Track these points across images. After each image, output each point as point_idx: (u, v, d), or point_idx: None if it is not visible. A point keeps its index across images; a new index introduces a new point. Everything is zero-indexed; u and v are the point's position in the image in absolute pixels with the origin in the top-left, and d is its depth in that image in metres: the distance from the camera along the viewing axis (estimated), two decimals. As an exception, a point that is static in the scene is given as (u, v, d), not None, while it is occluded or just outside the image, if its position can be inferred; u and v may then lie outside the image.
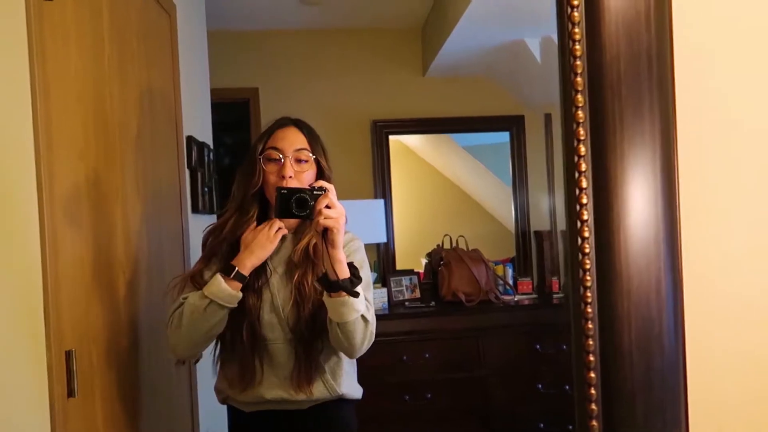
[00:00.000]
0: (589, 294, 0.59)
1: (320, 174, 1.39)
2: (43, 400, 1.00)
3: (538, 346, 2.93)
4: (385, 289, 3.09)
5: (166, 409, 1.68)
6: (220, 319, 1.27)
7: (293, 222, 1.35)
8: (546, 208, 3.39)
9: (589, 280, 0.59)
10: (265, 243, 1.30)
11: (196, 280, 1.31)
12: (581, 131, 0.58)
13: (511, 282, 3.22)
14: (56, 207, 1.07)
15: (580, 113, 0.58)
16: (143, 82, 1.66)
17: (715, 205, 0.66)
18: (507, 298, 3.11)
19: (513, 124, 3.45)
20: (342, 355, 1.38)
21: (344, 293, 1.22)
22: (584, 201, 0.58)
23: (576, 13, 0.56)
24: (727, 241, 0.66)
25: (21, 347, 0.97)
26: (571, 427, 2.29)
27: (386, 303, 3.07)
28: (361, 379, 2.88)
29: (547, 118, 3.24)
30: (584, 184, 0.58)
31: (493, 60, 3.12)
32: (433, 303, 3.08)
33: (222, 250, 1.34)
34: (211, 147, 2.56)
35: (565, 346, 2.89)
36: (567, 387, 2.84)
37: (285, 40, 3.35)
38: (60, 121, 1.12)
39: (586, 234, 0.59)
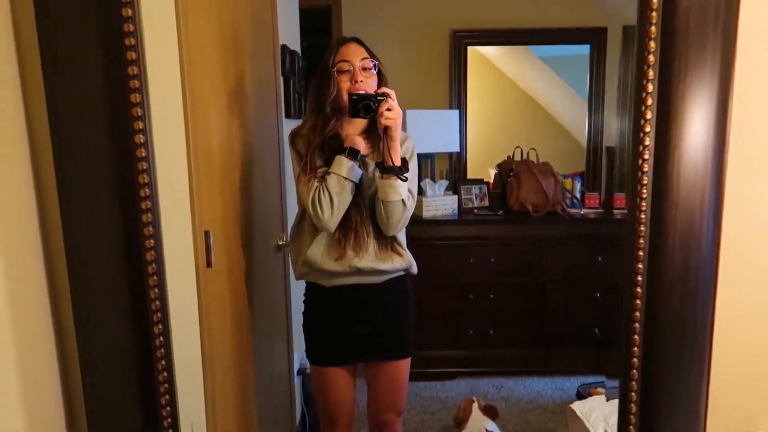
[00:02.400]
0: (644, 204, 0.74)
1: (380, 80, 1.64)
2: (191, 268, 1.25)
3: (599, 258, 3.06)
4: (455, 196, 3.26)
5: (270, 283, 1.98)
6: (352, 193, 1.58)
7: (362, 127, 1.63)
8: (619, 124, 3.39)
9: (645, 192, 0.74)
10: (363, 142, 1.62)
11: (314, 170, 1.59)
12: (650, 72, 0.70)
13: (578, 196, 3.31)
14: (196, 109, 1.27)
15: (651, 57, 0.70)
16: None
17: (759, 138, 0.78)
18: (573, 211, 3.21)
19: (595, 37, 3.37)
20: (403, 233, 1.69)
21: (393, 177, 1.53)
22: (647, 129, 0.72)
23: (655, -30, 0.67)
24: (764, 170, 0.78)
25: (177, 227, 1.21)
26: (617, 331, 2.45)
27: (456, 209, 3.25)
28: (433, 278, 3.15)
29: (626, 30, 3.15)
30: (649, 115, 0.72)
31: (580, -31, 3.04)
32: (500, 212, 3.24)
33: (322, 146, 1.61)
34: (300, 54, 2.72)
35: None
36: (618, 295, 3.01)
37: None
38: (196, 35, 1.30)
39: (646, 156, 0.73)
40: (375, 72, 1.61)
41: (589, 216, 3.19)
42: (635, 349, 0.78)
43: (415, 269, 1.74)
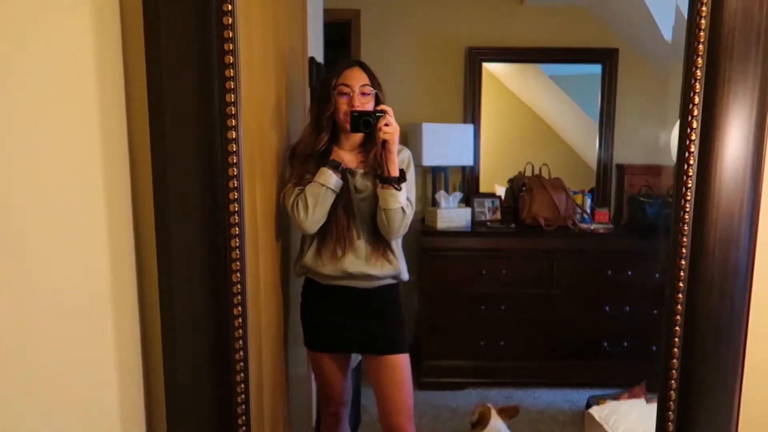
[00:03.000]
0: (688, 206, 0.81)
1: (377, 103, 1.76)
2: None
3: (609, 272, 3.13)
4: (468, 209, 3.33)
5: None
6: (331, 200, 1.70)
7: (358, 140, 1.77)
8: (631, 141, 3.47)
9: (690, 195, 0.81)
10: (349, 156, 1.76)
11: (302, 180, 1.73)
12: (697, 85, 0.78)
13: (588, 211, 3.39)
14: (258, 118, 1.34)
15: (698, 72, 0.77)
16: (286, 7, 1.89)
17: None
18: (584, 225, 3.28)
19: (607, 57, 3.48)
20: (398, 242, 1.81)
21: (392, 187, 1.67)
22: (693, 138, 0.79)
23: (705, -4, 0.75)
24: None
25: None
26: (626, 343, 2.54)
27: (469, 221, 3.31)
28: (445, 289, 3.20)
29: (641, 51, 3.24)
30: (695, 124, 0.79)
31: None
32: (513, 225, 3.32)
33: (311, 157, 1.75)
34: (324, 66, 2.80)
35: (630, 272, 3.09)
36: (627, 308, 3.08)
37: (389, -37, 3.45)
38: (256, 48, 1.37)
39: (691, 162, 0.80)
40: (373, 97, 1.74)
41: (599, 231, 3.26)
42: (676, 339, 0.84)
43: (405, 277, 1.85)
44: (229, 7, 0.81)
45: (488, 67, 3.57)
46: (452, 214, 3.26)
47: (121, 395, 0.90)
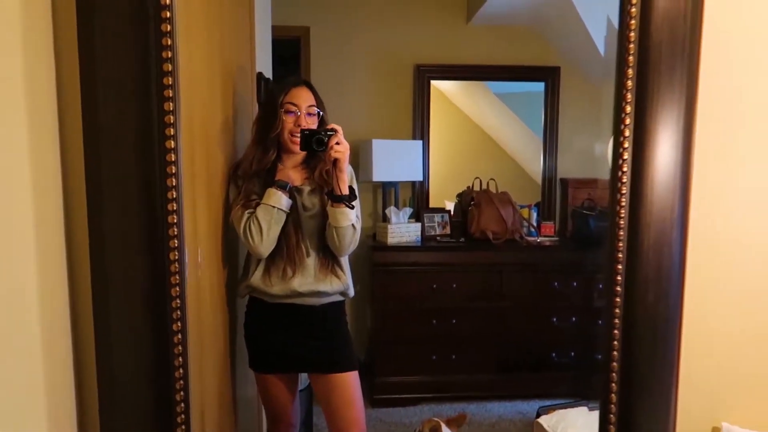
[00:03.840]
0: (623, 212, 0.84)
1: (321, 124, 1.78)
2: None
3: (555, 284, 3.20)
4: (419, 224, 3.36)
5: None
6: (282, 222, 1.69)
7: (301, 158, 1.76)
8: (573, 156, 3.59)
9: (624, 201, 0.84)
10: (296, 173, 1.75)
11: (249, 201, 1.70)
12: (628, 95, 0.81)
13: (535, 224, 3.47)
14: (195, 132, 1.31)
15: (629, 83, 0.81)
16: (233, 21, 1.88)
17: (719, 156, 0.90)
18: (531, 239, 3.36)
19: (549, 75, 3.60)
20: (345, 258, 1.80)
21: (343, 205, 1.66)
22: (626, 145, 0.82)
23: (633, 9, 0.78)
24: (724, 180, 0.91)
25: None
26: (573, 353, 2.59)
27: (419, 236, 3.34)
28: (397, 304, 3.21)
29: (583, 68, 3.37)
30: (627, 133, 0.82)
31: (536, 12, 3.26)
32: (462, 239, 3.36)
33: (256, 176, 1.72)
34: (272, 82, 2.78)
35: (575, 284, 3.18)
36: (574, 319, 3.15)
37: (337, -19, 3.48)
38: (195, 64, 1.35)
39: (625, 169, 0.83)
40: (317, 118, 1.76)
41: (545, 244, 3.34)
42: (615, 343, 0.87)
43: (351, 292, 1.84)
44: (168, 28, 0.80)
45: (436, 84, 3.64)
46: (402, 230, 3.28)
47: (50, 423, 0.85)
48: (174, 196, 0.80)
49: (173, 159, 0.80)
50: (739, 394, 0.99)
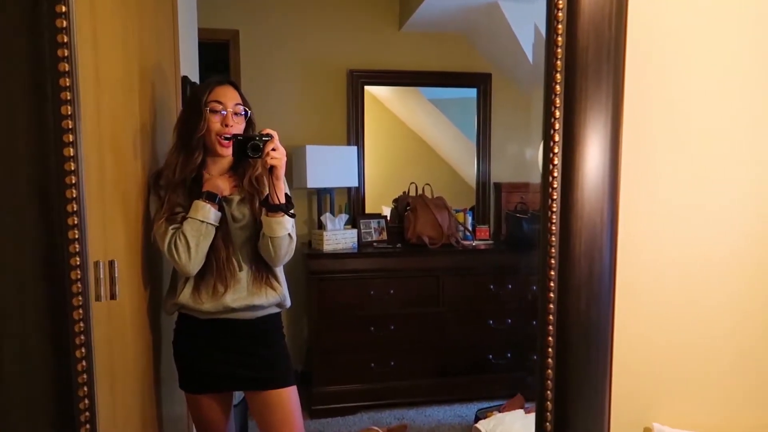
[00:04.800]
0: (554, 217, 0.83)
1: (248, 127, 1.70)
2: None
3: (491, 287, 3.24)
4: (355, 230, 3.32)
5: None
6: (212, 236, 1.58)
7: (228, 164, 1.66)
8: (506, 161, 3.66)
9: (555, 206, 0.83)
10: (224, 182, 1.64)
11: (174, 215, 1.59)
12: (557, 100, 0.80)
13: (470, 228, 3.51)
14: (103, 138, 1.22)
15: (558, 87, 0.80)
16: (153, 22, 1.78)
17: (645, 158, 0.91)
18: (466, 243, 3.39)
19: (481, 81, 3.65)
20: (280, 268, 1.72)
21: (280, 214, 1.58)
22: (556, 150, 0.82)
23: (560, 14, 0.78)
24: (650, 184, 0.92)
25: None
26: (509, 355, 2.64)
27: (356, 243, 3.30)
28: (334, 312, 3.16)
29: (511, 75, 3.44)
30: (557, 138, 0.81)
31: (467, 19, 3.30)
32: (399, 245, 3.35)
33: (182, 185, 1.61)
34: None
35: (510, 286, 3.23)
36: (509, 321, 3.20)
37: (267, -16, 3.41)
38: (106, 65, 1.26)
39: (555, 174, 0.82)
40: (245, 118, 1.67)
41: (480, 247, 3.38)
42: (549, 350, 0.86)
43: (288, 303, 1.76)
44: (64, 23, 0.72)
45: (370, 90, 3.62)
46: (338, 236, 3.23)
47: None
48: (75, 208, 0.72)
49: (73, 168, 0.72)
50: (669, 395, 1.00)
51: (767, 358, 1.03)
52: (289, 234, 1.62)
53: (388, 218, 3.52)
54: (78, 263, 0.75)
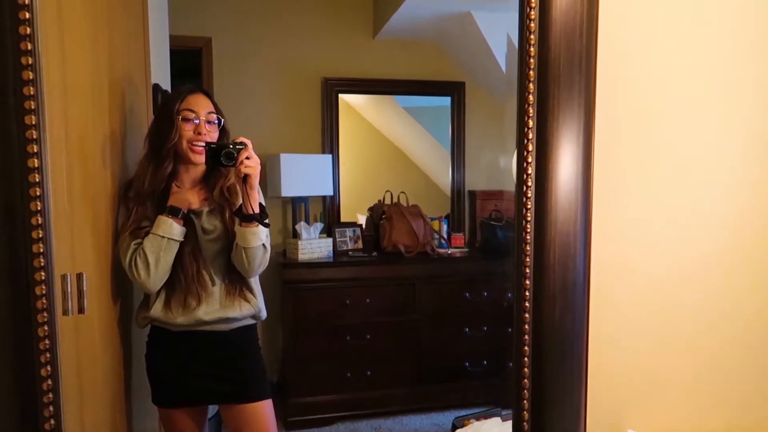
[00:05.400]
0: (528, 226, 0.83)
1: (222, 135, 1.66)
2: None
3: (467, 294, 3.25)
4: (330, 239, 3.30)
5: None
6: (174, 252, 1.55)
7: (200, 175, 1.63)
8: (480, 169, 3.69)
9: (530, 216, 0.83)
10: (192, 195, 1.60)
11: (139, 230, 1.55)
12: (530, 110, 0.81)
13: (445, 236, 3.52)
14: (71, 147, 1.19)
15: (531, 96, 0.81)
16: (123, 28, 1.75)
17: (618, 167, 0.93)
18: (441, 250, 3.40)
19: (455, 90, 3.68)
20: (255, 279, 1.69)
21: (254, 224, 1.55)
22: (530, 160, 0.82)
23: (533, 25, 0.78)
24: (623, 194, 0.93)
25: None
26: (485, 362, 2.65)
27: (331, 252, 3.28)
28: (309, 322, 3.13)
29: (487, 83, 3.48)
30: (530, 147, 0.82)
31: (440, 28, 3.32)
32: (374, 253, 3.34)
33: (152, 197, 1.58)
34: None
35: (486, 293, 3.24)
36: (485, 328, 3.22)
37: (240, -8, 3.38)
38: (74, 73, 1.23)
39: (529, 184, 0.83)
40: (218, 127, 1.64)
41: (456, 255, 3.39)
42: (526, 359, 0.86)
43: (263, 314, 1.73)
44: (28, 30, 0.70)
45: (345, 98, 3.61)
46: (314, 245, 3.21)
47: None
48: (40, 221, 0.70)
49: (38, 179, 0.70)
50: (644, 402, 1.01)
51: (739, 363, 1.05)
52: (263, 244, 1.59)
53: (364, 227, 3.50)
54: (43, 278, 0.72)
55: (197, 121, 1.59)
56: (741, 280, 1.03)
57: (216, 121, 1.63)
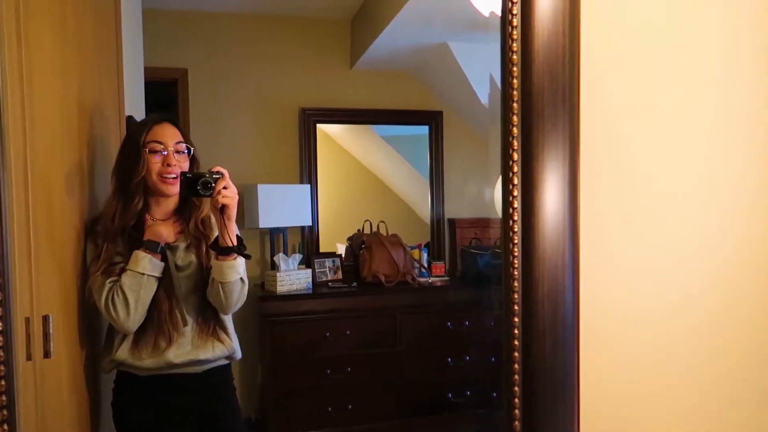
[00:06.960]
0: (516, 261, 0.81)
1: (192, 165, 1.59)
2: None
3: (449, 324, 3.21)
4: (309, 270, 3.25)
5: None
6: (154, 289, 1.48)
7: (172, 207, 1.57)
8: (460, 197, 3.69)
9: (516, 251, 0.81)
10: (167, 228, 1.54)
11: (112, 267, 1.48)
12: (515, 143, 0.79)
13: (426, 265, 3.49)
14: (36, 180, 1.14)
15: (515, 129, 0.79)
16: (95, 61, 1.71)
17: (603, 199, 0.91)
18: (422, 280, 3.36)
19: (432, 119, 3.69)
20: (229, 317, 1.61)
21: (232, 257, 1.48)
22: (515, 193, 0.80)
23: (515, 57, 0.77)
24: (609, 227, 0.91)
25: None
26: (468, 393, 2.59)
27: (310, 283, 3.23)
28: (288, 356, 3.05)
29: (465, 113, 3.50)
30: (516, 181, 0.80)
31: (418, 59, 3.35)
32: (354, 284, 3.29)
33: (120, 234, 1.50)
34: (145, 127, 2.59)
35: (467, 322, 3.20)
36: (467, 358, 3.17)
37: (217, 22, 3.37)
38: (41, 105, 1.19)
39: (516, 218, 0.80)
40: (188, 156, 1.58)
41: (437, 284, 3.36)
42: (516, 400, 0.82)
43: (238, 355, 1.65)
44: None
45: (323, 127, 3.61)
46: (292, 277, 3.15)
47: None
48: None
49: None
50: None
51: (734, 401, 1.03)
52: (241, 278, 1.52)
53: (343, 257, 3.46)
54: (1, 329, 0.67)
55: (165, 153, 1.52)
56: (734, 314, 1.01)
57: (185, 151, 1.56)
